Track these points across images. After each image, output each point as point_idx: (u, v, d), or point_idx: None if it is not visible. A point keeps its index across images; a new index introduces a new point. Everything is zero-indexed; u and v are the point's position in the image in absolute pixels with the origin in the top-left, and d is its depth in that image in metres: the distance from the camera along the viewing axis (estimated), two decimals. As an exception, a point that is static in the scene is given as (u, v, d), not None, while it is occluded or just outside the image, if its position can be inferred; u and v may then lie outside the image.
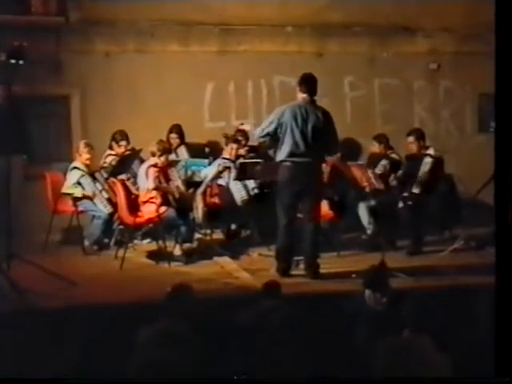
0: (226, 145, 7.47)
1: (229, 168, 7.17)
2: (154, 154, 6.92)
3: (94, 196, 7.20)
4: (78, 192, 7.21)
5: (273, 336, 4.17)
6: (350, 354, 4.41)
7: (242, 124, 7.86)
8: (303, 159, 6.00)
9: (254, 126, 6.57)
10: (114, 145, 7.60)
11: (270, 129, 6.07)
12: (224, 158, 7.37)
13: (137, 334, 4.18)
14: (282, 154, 6.06)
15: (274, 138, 6.09)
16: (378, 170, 7.26)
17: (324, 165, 6.66)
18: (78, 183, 7.24)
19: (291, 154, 6.00)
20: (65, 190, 7.28)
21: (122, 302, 5.30)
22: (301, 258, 6.19)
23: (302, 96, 6.11)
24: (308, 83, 6.12)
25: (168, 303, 4.40)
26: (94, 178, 7.32)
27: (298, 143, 5.98)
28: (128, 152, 7.47)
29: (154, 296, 5.20)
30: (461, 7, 8.68)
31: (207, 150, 7.94)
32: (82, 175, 7.25)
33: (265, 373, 3.94)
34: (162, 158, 6.89)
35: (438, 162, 7.02)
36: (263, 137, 6.17)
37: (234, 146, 7.39)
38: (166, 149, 7.02)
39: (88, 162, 7.34)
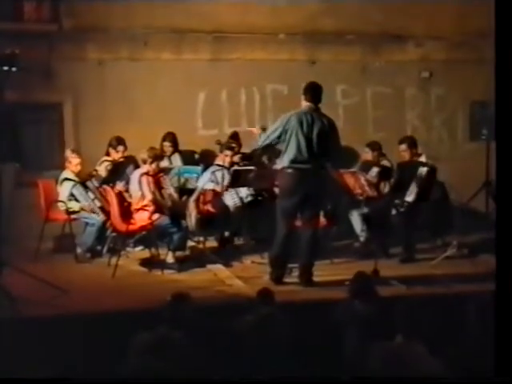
0: (221, 151, 7.48)
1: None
2: (145, 162, 6.91)
3: (89, 207, 7.17)
4: (75, 206, 7.19)
5: (267, 343, 4.16)
6: (343, 362, 4.41)
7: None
8: (306, 166, 5.92)
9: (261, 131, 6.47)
10: (112, 150, 7.58)
11: (275, 135, 6.02)
12: (217, 165, 7.38)
13: (130, 342, 4.16)
14: (285, 161, 5.99)
15: (276, 145, 6.07)
16: (370, 177, 7.27)
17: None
18: (71, 195, 7.21)
19: (294, 161, 5.92)
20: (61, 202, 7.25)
21: (115, 310, 5.28)
22: (294, 265, 6.18)
23: (306, 104, 6.06)
24: (313, 91, 6.07)
25: (165, 311, 4.38)
26: (86, 187, 7.29)
27: (303, 149, 5.91)
28: (121, 159, 7.45)
29: (148, 304, 5.20)
30: (452, 15, 8.76)
31: (196, 156, 7.94)
32: (74, 185, 7.22)
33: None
34: (154, 165, 6.88)
35: (432, 171, 7.02)
36: (267, 143, 6.13)
37: (228, 152, 7.39)
38: (157, 156, 7.01)
39: (79, 168, 7.31)
